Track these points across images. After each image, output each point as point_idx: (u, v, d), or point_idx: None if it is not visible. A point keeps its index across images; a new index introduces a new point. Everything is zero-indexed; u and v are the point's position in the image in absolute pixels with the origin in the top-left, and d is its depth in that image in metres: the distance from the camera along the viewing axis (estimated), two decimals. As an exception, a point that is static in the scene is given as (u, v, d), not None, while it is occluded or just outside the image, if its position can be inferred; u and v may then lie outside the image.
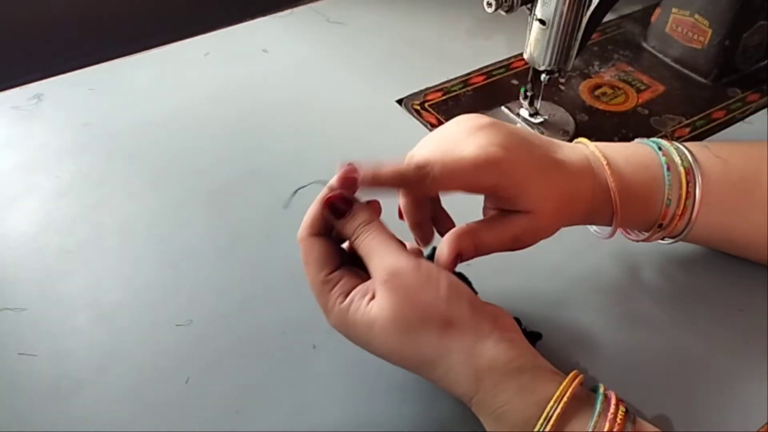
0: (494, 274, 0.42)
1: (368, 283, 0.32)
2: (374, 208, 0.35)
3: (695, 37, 0.58)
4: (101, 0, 0.68)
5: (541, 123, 0.54)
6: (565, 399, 0.29)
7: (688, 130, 0.54)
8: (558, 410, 0.29)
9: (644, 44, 0.64)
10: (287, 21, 0.68)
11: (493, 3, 0.44)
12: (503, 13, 0.45)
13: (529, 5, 0.46)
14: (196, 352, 0.38)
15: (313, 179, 0.49)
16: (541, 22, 0.46)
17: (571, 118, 0.55)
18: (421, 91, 0.58)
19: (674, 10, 0.59)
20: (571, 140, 0.52)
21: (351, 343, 0.38)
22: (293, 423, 0.35)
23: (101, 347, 0.38)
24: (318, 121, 0.55)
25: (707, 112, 0.56)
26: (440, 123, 0.54)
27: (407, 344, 0.31)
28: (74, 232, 0.45)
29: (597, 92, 0.58)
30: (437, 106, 0.56)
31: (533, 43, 0.47)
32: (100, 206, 0.47)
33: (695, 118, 0.55)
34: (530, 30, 0.47)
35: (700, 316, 0.41)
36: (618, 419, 0.29)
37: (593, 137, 0.53)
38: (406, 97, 0.57)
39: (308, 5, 0.70)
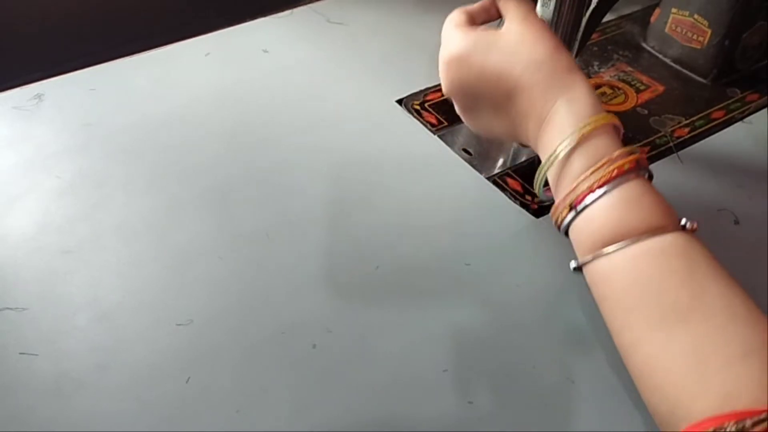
0: (494, 272, 0.43)
1: None
2: None
3: (694, 37, 0.59)
4: (102, 0, 0.68)
5: (540, 123, 0.54)
6: (615, 119, 0.37)
7: (687, 130, 0.54)
8: (605, 120, 0.37)
9: (644, 44, 0.64)
10: (287, 21, 0.68)
11: (493, 3, 0.44)
12: (503, 13, 0.45)
13: (528, 5, 0.46)
14: (196, 352, 0.38)
15: (314, 179, 0.50)
16: (541, 22, 0.46)
17: (570, 118, 0.55)
18: (421, 91, 0.58)
19: (673, 10, 0.60)
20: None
21: (351, 343, 0.38)
22: (293, 423, 0.35)
23: (101, 347, 0.38)
24: (318, 121, 0.55)
25: (706, 112, 0.56)
26: (440, 123, 0.55)
27: (527, 49, 0.39)
28: (74, 232, 0.45)
29: (597, 92, 0.58)
30: (437, 106, 0.56)
31: (533, 43, 0.47)
32: (100, 206, 0.47)
33: (694, 118, 0.55)
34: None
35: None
36: (633, 159, 0.35)
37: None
38: (406, 97, 0.58)
39: (308, 6, 0.70)
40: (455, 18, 0.44)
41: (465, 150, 0.52)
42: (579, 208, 0.36)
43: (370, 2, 0.71)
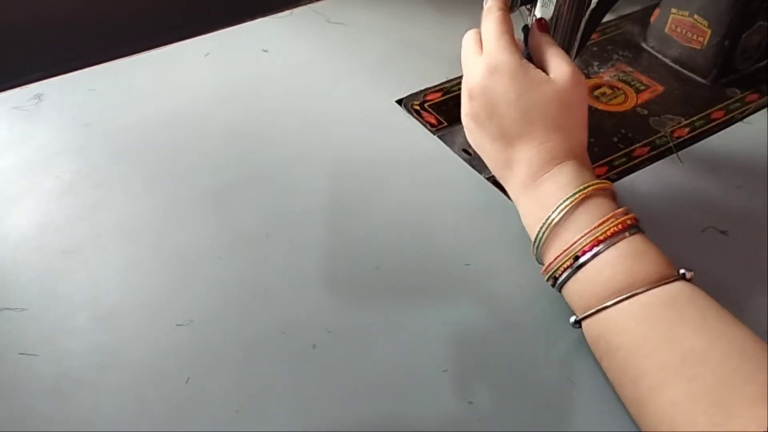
0: (494, 272, 0.43)
1: None
2: None
3: (694, 37, 0.59)
4: (101, 0, 0.68)
5: (540, 123, 0.54)
6: (608, 184, 0.39)
7: (687, 130, 0.54)
8: (608, 184, 0.39)
9: (643, 44, 0.64)
10: (287, 21, 0.68)
11: (493, 3, 0.44)
12: (503, 13, 0.45)
13: (528, 5, 0.46)
14: (196, 352, 0.38)
15: (314, 178, 0.50)
16: (541, 22, 0.46)
17: (570, 119, 0.55)
18: (421, 91, 0.58)
19: (673, 10, 0.60)
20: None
21: (351, 343, 0.38)
22: (293, 423, 0.35)
23: (101, 347, 0.38)
24: (317, 121, 0.55)
25: (706, 112, 0.56)
26: (440, 123, 0.54)
27: (560, 112, 0.41)
28: (74, 232, 0.45)
29: (596, 92, 0.58)
30: (437, 106, 0.56)
31: (533, 43, 0.47)
32: (100, 206, 0.47)
33: (694, 118, 0.55)
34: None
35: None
36: (632, 216, 0.37)
37: (592, 137, 0.53)
38: (406, 97, 0.58)
39: (308, 6, 0.70)
40: (508, 30, 0.43)
41: (465, 150, 0.52)
42: (583, 259, 0.36)
43: (370, 2, 0.71)
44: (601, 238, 0.36)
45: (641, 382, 0.33)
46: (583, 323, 0.37)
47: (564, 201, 0.38)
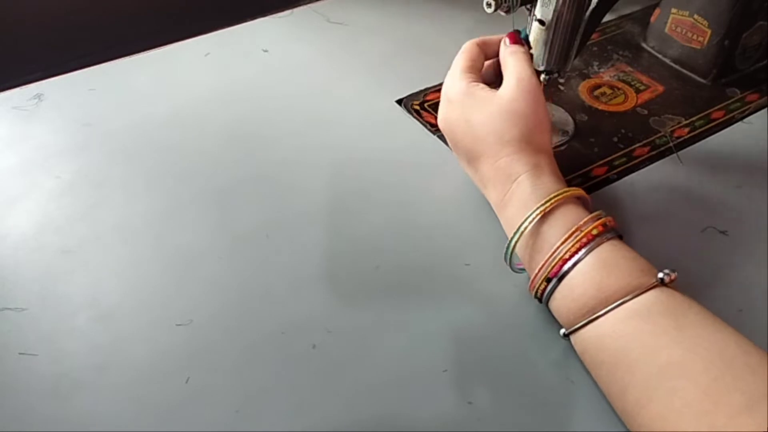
0: (494, 272, 0.43)
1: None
2: None
3: (694, 37, 0.59)
4: (101, 0, 0.68)
5: (540, 123, 0.54)
6: (580, 192, 0.39)
7: (687, 130, 0.54)
8: (570, 193, 0.38)
9: (643, 44, 0.64)
10: (287, 21, 0.68)
11: (493, 3, 0.44)
12: (503, 13, 0.45)
13: (528, 6, 0.46)
14: (196, 352, 0.38)
15: (314, 178, 0.50)
16: (541, 22, 0.46)
17: (570, 118, 0.55)
18: (421, 91, 0.58)
19: (673, 10, 0.60)
20: (570, 140, 0.53)
21: (351, 343, 0.38)
22: (293, 423, 0.35)
23: (101, 347, 0.38)
24: (318, 120, 0.55)
25: (706, 112, 0.56)
26: (440, 123, 0.54)
27: (506, 124, 0.41)
28: (74, 232, 0.45)
29: (596, 92, 0.58)
30: (437, 106, 0.56)
31: (532, 43, 0.47)
32: (100, 206, 0.47)
33: (694, 118, 0.55)
34: (530, 30, 0.47)
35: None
36: (600, 223, 0.36)
37: (593, 137, 0.53)
38: (406, 97, 0.58)
39: (308, 5, 0.70)
40: (466, 58, 0.45)
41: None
42: (555, 279, 0.36)
43: (370, 2, 0.71)
44: (566, 257, 0.36)
45: (626, 397, 0.33)
46: (570, 337, 0.37)
47: (522, 224, 0.38)
